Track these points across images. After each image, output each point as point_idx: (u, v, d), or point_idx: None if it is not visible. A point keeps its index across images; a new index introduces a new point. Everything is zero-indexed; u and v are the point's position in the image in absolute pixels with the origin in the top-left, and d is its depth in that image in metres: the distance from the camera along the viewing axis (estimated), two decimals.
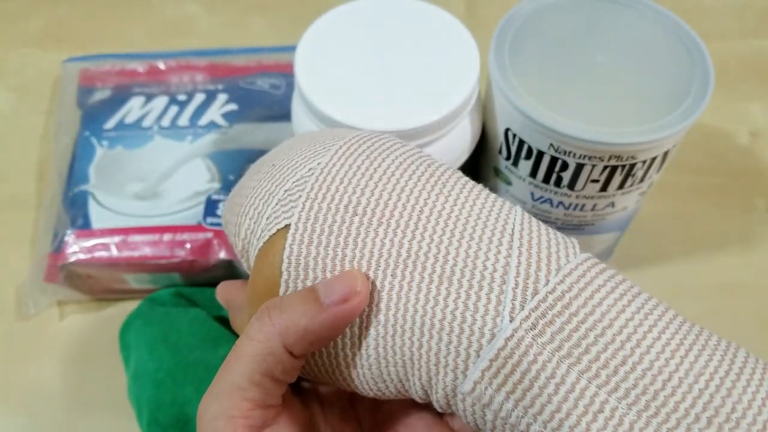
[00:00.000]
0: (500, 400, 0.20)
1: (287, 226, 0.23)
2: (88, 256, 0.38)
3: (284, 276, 0.22)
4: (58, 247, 0.38)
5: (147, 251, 0.38)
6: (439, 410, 0.22)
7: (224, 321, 0.36)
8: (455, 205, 0.22)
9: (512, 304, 0.20)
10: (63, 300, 0.40)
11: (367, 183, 0.23)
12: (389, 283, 0.21)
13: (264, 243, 0.23)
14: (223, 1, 0.56)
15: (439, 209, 0.22)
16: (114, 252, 0.38)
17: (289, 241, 0.22)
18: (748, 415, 0.18)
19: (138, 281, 0.39)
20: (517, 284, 0.20)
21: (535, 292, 0.20)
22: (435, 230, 0.22)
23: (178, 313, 0.36)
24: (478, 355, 0.20)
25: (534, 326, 0.19)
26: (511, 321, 0.20)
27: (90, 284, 0.39)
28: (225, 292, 0.28)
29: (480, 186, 0.24)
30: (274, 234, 0.23)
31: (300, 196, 0.23)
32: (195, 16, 0.55)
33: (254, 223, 0.24)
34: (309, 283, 0.22)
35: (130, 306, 0.39)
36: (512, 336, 0.19)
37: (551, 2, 0.33)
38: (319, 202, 0.22)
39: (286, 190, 0.23)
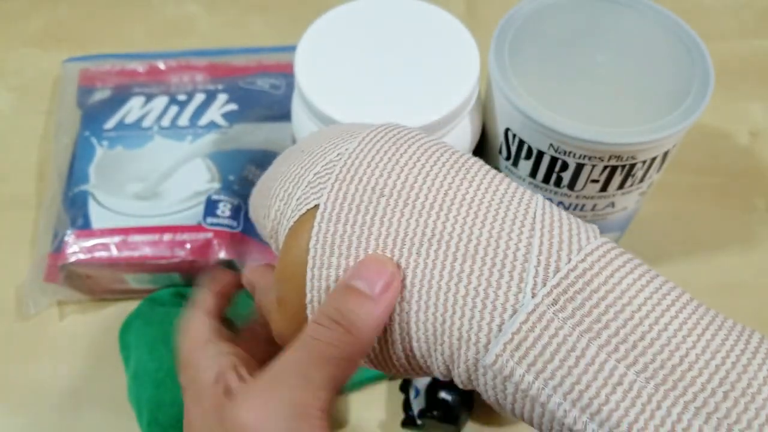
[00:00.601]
0: (521, 373, 0.20)
1: (316, 207, 0.23)
2: (88, 256, 0.38)
3: (311, 252, 0.23)
4: (58, 247, 0.38)
5: (147, 251, 0.38)
6: (461, 386, 0.23)
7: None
8: (479, 189, 0.23)
9: (534, 281, 0.21)
10: (63, 300, 0.40)
11: (393, 167, 0.23)
12: (414, 261, 0.22)
13: (294, 222, 0.24)
14: (223, 1, 0.56)
15: (463, 193, 0.23)
16: (114, 252, 0.38)
17: (318, 219, 0.23)
18: (764, 391, 0.19)
19: (138, 281, 0.39)
20: (539, 262, 0.21)
21: (557, 270, 0.21)
22: (459, 212, 0.22)
23: (177, 313, 0.36)
24: (500, 330, 0.20)
25: (555, 302, 0.20)
26: (533, 297, 0.20)
27: (90, 284, 0.39)
28: (251, 275, 0.28)
29: (502, 174, 0.25)
30: (303, 214, 0.24)
31: (329, 179, 0.24)
32: (195, 16, 0.55)
33: (284, 204, 0.25)
34: (335, 260, 0.23)
35: (130, 306, 0.39)
36: (534, 311, 0.20)
37: (551, 2, 0.33)
38: (347, 183, 0.23)
39: (315, 173, 0.24)
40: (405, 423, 0.35)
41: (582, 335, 0.20)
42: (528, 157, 0.32)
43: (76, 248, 0.38)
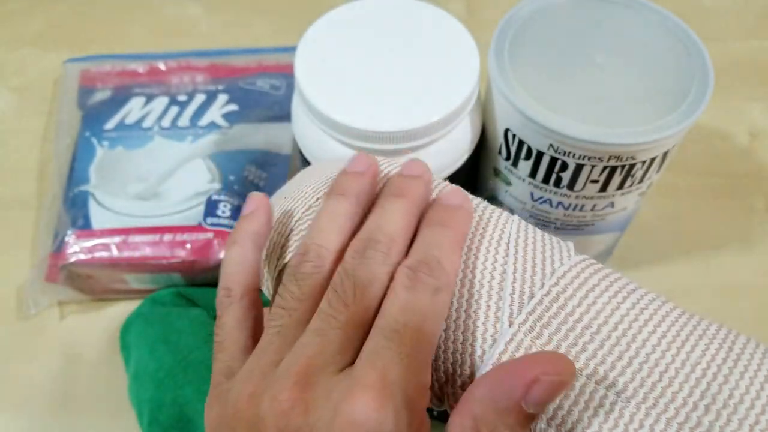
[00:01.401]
0: None
1: None
2: (89, 256, 0.38)
3: None
4: (59, 248, 0.38)
5: (147, 251, 0.38)
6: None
7: None
8: None
9: (510, 309, 0.21)
10: (63, 300, 0.40)
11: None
12: None
13: (279, 272, 0.24)
14: (223, 2, 0.56)
15: None
16: (114, 252, 0.38)
17: None
18: (746, 400, 0.19)
19: (138, 281, 0.40)
20: (513, 290, 0.21)
21: (531, 296, 0.21)
22: None
23: (178, 313, 0.36)
24: (482, 361, 0.20)
25: (532, 329, 0.20)
26: (510, 326, 0.20)
27: (90, 284, 0.39)
28: None
29: (479, 199, 0.25)
30: (287, 262, 0.24)
31: (308, 225, 0.24)
32: (195, 16, 0.55)
33: (271, 253, 0.25)
34: None
35: (130, 306, 0.39)
36: (512, 339, 0.20)
37: (551, 2, 0.33)
38: None
39: (296, 221, 0.24)
40: None
41: None
42: (528, 157, 0.32)
43: (76, 248, 0.38)
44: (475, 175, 0.38)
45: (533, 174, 0.32)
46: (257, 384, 0.19)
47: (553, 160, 0.31)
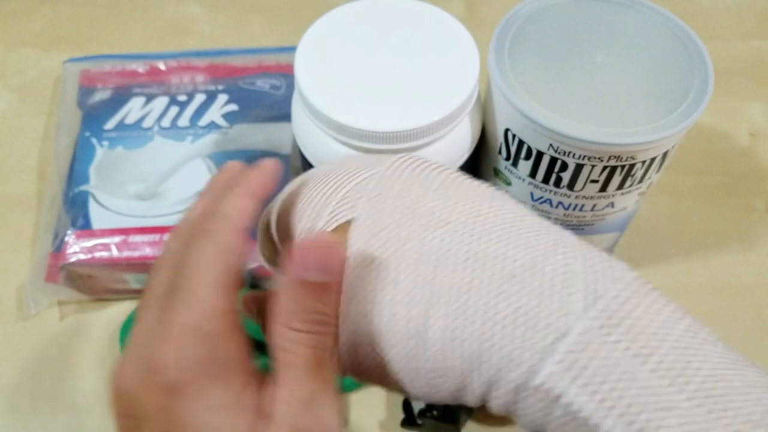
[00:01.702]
0: (574, 392, 0.20)
1: (348, 222, 0.23)
2: (89, 256, 0.38)
3: (347, 267, 0.23)
4: (59, 248, 0.38)
5: (147, 251, 0.38)
6: (495, 411, 0.22)
7: None
8: (511, 215, 0.23)
9: (580, 304, 0.21)
10: (63, 300, 0.40)
11: (426, 191, 0.23)
12: (450, 279, 0.21)
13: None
14: (223, 2, 0.56)
15: (501, 218, 0.23)
16: (114, 252, 0.38)
17: (353, 232, 0.23)
18: None
19: (138, 281, 0.40)
20: (585, 287, 0.21)
21: (600, 296, 0.21)
22: (493, 234, 0.22)
23: None
24: (550, 350, 0.20)
25: (603, 326, 0.20)
26: (581, 319, 0.20)
27: (90, 284, 0.39)
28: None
29: (527, 209, 0.25)
30: (334, 229, 0.23)
31: (361, 197, 0.23)
32: (195, 16, 0.55)
33: (313, 219, 0.24)
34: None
35: (130, 306, 0.39)
36: (585, 332, 0.20)
37: (551, 2, 0.33)
38: (381, 201, 0.23)
39: (345, 193, 0.24)
40: (405, 423, 0.35)
41: (632, 359, 0.20)
42: (528, 157, 0.32)
43: (76, 248, 0.38)
44: (475, 175, 0.38)
45: (533, 174, 0.32)
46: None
47: (553, 160, 0.31)
